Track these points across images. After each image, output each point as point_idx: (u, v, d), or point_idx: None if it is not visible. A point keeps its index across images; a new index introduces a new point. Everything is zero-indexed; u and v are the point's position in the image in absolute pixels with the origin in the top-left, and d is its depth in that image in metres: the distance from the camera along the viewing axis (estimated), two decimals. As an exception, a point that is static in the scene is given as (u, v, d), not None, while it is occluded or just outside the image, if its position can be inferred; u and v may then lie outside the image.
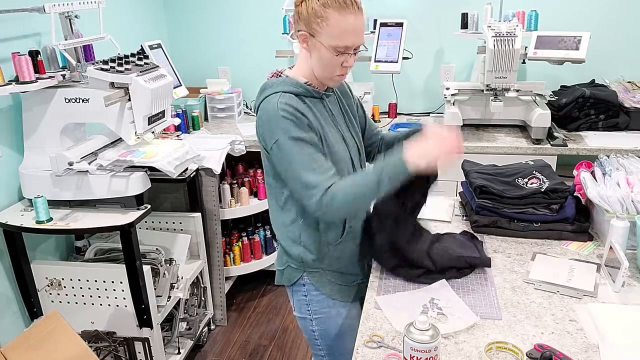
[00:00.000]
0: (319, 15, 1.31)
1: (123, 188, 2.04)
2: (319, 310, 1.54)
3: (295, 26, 1.40)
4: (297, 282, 1.53)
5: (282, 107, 1.34)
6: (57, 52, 2.14)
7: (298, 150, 1.33)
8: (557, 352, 1.17)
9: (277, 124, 1.33)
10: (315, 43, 1.36)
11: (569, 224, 1.70)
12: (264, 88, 1.42)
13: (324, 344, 1.57)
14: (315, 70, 1.41)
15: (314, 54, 1.38)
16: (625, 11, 2.87)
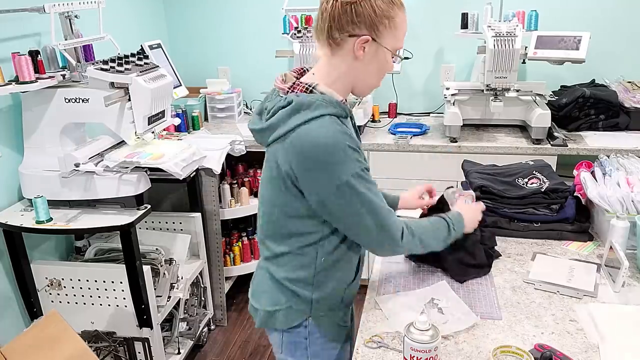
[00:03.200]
0: (387, 15, 1.15)
1: (123, 188, 2.04)
2: (319, 352, 1.35)
3: (342, 30, 1.15)
4: (295, 326, 1.32)
5: (341, 135, 1.12)
6: (57, 52, 2.14)
7: (370, 184, 1.17)
8: (557, 352, 1.17)
9: (342, 158, 1.11)
10: (376, 47, 1.17)
11: (569, 224, 1.70)
12: (299, 108, 1.13)
13: None
14: (362, 79, 1.22)
15: (370, 60, 1.19)
16: (625, 11, 2.87)
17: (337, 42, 1.17)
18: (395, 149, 2.71)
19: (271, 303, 1.32)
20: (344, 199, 1.14)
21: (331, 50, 1.19)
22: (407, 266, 1.59)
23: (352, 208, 1.16)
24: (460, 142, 2.64)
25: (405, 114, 3.23)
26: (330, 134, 1.11)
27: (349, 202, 1.15)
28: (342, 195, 1.14)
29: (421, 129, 2.83)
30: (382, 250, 1.28)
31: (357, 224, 1.19)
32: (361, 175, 1.15)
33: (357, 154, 1.15)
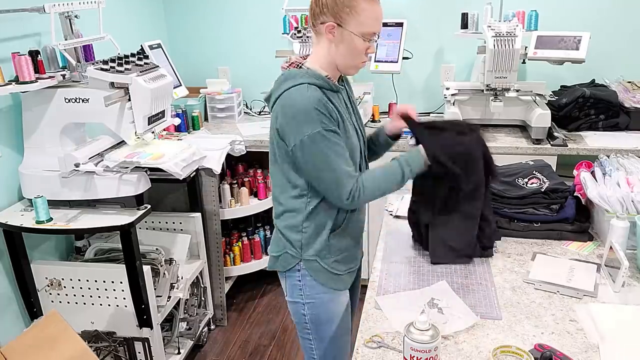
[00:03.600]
0: (347, 4, 1.36)
1: (123, 188, 2.04)
2: (312, 296, 1.56)
3: (317, 19, 1.41)
4: (292, 269, 1.55)
5: (313, 98, 1.36)
6: (57, 52, 2.14)
7: (331, 144, 1.37)
8: (557, 352, 1.17)
9: (310, 116, 1.35)
10: (342, 32, 1.39)
11: (569, 224, 1.70)
12: (286, 79, 1.41)
13: (314, 328, 1.60)
14: (340, 60, 1.44)
15: (340, 44, 1.41)
16: (625, 11, 2.87)
17: (316, 30, 1.44)
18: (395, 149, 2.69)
19: (275, 249, 1.59)
20: (304, 152, 1.38)
21: (316, 36, 1.46)
22: (407, 266, 1.59)
23: (312, 162, 1.39)
24: (460, 142, 2.64)
25: (405, 114, 3.22)
26: (305, 97, 1.36)
27: (310, 156, 1.38)
28: (304, 148, 1.37)
29: (421, 129, 2.82)
30: (341, 204, 1.43)
31: (316, 177, 1.41)
32: (324, 135, 1.36)
33: (324, 116, 1.36)
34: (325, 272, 1.54)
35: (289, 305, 1.63)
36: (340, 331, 1.62)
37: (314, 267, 1.53)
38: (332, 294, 1.57)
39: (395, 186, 1.47)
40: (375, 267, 1.60)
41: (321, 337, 1.61)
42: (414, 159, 1.49)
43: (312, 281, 1.54)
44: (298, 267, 1.54)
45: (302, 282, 1.55)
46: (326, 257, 1.53)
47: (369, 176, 1.45)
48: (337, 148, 1.38)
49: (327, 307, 1.57)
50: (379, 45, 2.75)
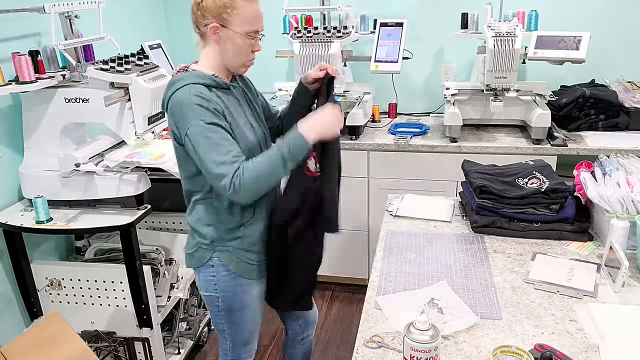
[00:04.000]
0: (228, 5, 1.42)
1: (124, 188, 2.04)
2: (225, 288, 1.62)
3: (200, 21, 1.46)
4: (206, 263, 1.60)
5: (194, 95, 1.40)
6: (57, 52, 2.14)
7: (211, 135, 1.40)
8: (557, 352, 1.17)
9: (191, 111, 1.39)
10: (226, 33, 1.45)
11: (569, 224, 1.70)
12: (172, 82, 1.46)
13: (227, 316, 1.67)
14: (227, 59, 1.50)
15: (225, 44, 1.47)
16: (625, 11, 2.87)
17: (200, 32, 1.50)
18: (395, 149, 2.71)
19: (189, 246, 1.63)
20: (188, 145, 1.42)
21: (201, 40, 1.52)
22: (407, 266, 1.59)
23: (195, 154, 1.41)
24: (460, 142, 2.65)
25: (405, 114, 3.23)
26: (185, 95, 1.40)
27: (192, 149, 1.41)
28: (188, 142, 1.41)
29: (421, 129, 2.83)
30: (226, 193, 1.41)
31: (202, 163, 1.41)
32: (203, 127, 1.39)
33: (205, 110, 1.40)
34: (238, 262, 1.59)
35: (204, 299, 1.69)
36: (253, 315, 1.71)
37: (227, 257, 1.58)
38: (244, 285, 1.63)
39: (279, 169, 1.43)
40: (375, 267, 1.60)
41: (233, 322, 1.69)
42: (291, 139, 1.44)
43: (225, 273, 1.60)
44: (212, 262, 1.59)
45: (217, 276, 1.61)
46: (239, 247, 1.58)
47: (250, 162, 1.42)
48: (216, 140, 1.40)
49: (240, 297, 1.64)
50: (379, 45, 2.75)
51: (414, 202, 2.02)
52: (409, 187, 2.66)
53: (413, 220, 1.90)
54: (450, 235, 1.77)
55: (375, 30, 2.80)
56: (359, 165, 2.77)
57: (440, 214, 1.92)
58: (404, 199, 2.06)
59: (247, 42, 1.47)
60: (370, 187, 2.81)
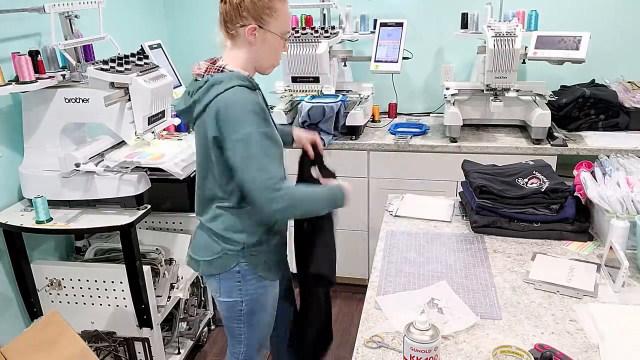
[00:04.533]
0: (268, 6, 1.42)
1: (124, 188, 2.04)
2: (250, 292, 1.61)
3: (234, 22, 1.43)
4: (231, 269, 1.57)
5: (249, 101, 1.39)
6: (57, 52, 2.14)
7: (267, 145, 1.39)
8: (557, 352, 1.17)
9: (247, 117, 1.38)
10: (264, 33, 1.45)
11: (569, 224, 1.70)
12: (214, 83, 1.42)
13: (247, 319, 1.66)
14: (262, 60, 1.50)
15: (261, 46, 1.47)
16: (625, 11, 2.87)
17: (232, 34, 1.46)
18: (395, 149, 2.71)
19: (209, 253, 1.58)
20: (240, 151, 1.38)
21: (231, 41, 1.48)
22: (407, 266, 1.59)
23: (244, 161, 1.38)
24: (460, 142, 2.65)
25: (405, 114, 3.23)
26: (239, 98, 1.39)
27: (242, 156, 1.38)
28: (239, 147, 1.38)
29: (421, 129, 2.83)
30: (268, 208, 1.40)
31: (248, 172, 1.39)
32: (259, 136, 1.38)
33: (258, 118, 1.39)
34: (265, 264, 1.60)
35: (223, 305, 1.65)
36: (269, 318, 1.71)
37: (256, 261, 1.58)
38: (267, 287, 1.64)
39: (320, 207, 1.52)
40: (375, 267, 1.60)
41: (251, 325, 1.68)
42: (337, 192, 1.54)
43: (252, 277, 1.59)
44: (237, 268, 1.57)
45: (242, 281, 1.59)
46: (266, 251, 1.60)
47: (298, 189, 1.49)
48: (272, 150, 1.41)
49: (262, 299, 1.64)
50: (379, 45, 2.76)
51: (414, 202, 2.02)
52: (409, 187, 2.66)
53: (413, 220, 1.90)
54: (450, 235, 1.77)
55: (375, 30, 2.80)
56: (359, 165, 2.77)
57: (440, 214, 1.91)
58: (404, 199, 2.06)
59: (281, 42, 1.49)
60: (370, 187, 2.81)
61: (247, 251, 1.56)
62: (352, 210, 2.84)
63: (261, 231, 1.57)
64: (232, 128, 1.38)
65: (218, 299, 1.66)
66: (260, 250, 1.58)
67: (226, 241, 1.56)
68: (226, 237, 1.55)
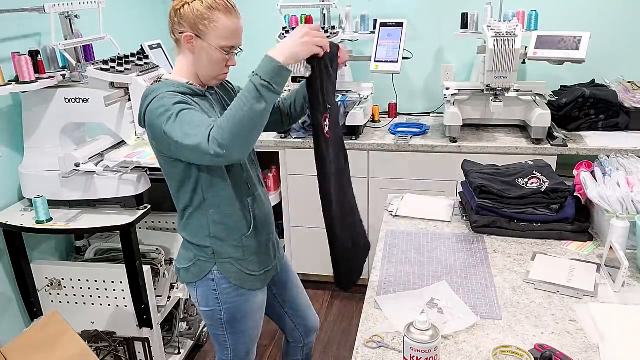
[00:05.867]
0: (206, 17, 1.38)
1: (123, 188, 2.04)
2: (228, 300, 1.57)
3: (175, 28, 1.44)
4: (205, 277, 1.55)
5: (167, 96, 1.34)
6: (57, 52, 2.14)
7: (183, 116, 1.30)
8: (557, 352, 1.17)
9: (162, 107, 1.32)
10: (201, 44, 1.41)
11: (569, 224, 1.70)
12: (147, 95, 1.39)
13: (229, 327, 1.63)
14: (200, 70, 1.45)
15: (199, 55, 1.42)
16: (625, 11, 2.87)
17: (176, 40, 1.47)
18: (395, 149, 2.71)
19: (184, 261, 1.58)
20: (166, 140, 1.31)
21: (177, 47, 1.48)
22: (407, 266, 1.59)
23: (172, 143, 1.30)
24: (460, 142, 2.65)
25: (405, 114, 3.23)
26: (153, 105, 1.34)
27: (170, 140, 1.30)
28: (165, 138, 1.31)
29: (421, 129, 2.83)
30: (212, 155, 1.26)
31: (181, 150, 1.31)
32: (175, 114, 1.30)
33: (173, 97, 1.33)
34: (239, 274, 1.55)
35: (204, 314, 1.63)
36: (255, 324, 1.68)
37: (228, 269, 1.54)
38: (247, 295, 1.59)
39: (256, 102, 1.23)
40: (375, 267, 1.60)
41: (235, 332, 1.65)
42: (260, 66, 1.26)
43: (227, 285, 1.55)
44: (212, 276, 1.54)
45: (218, 289, 1.56)
46: (240, 260, 1.55)
47: (225, 112, 1.28)
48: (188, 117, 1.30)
49: (243, 307, 1.60)
50: (379, 45, 2.75)
51: (414, 202, 2.02)
52: (409, 187, 2.66)
53: (413, 220, 1.90)
54: (450, 235, 1.77)
55: (375, 30, 2.80)
56: (359, 165, 2.77)
57: (440, 214, 1.91)
58: (404, 199, 2.06)
59: (221, 56, 1.42)
60: (370, 187, 2.80)
61: (217, 257, 1.53)
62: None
63: (232, 236, 1.53)
64: (157, 126, 1.32)
65: (198, 308, 1.64)
66: (232, 257, 1.54)
67: (197, 247, 1.54)
68: (197, 243, 1.54)
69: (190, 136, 1.27)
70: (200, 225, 1.52)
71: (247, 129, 1.25)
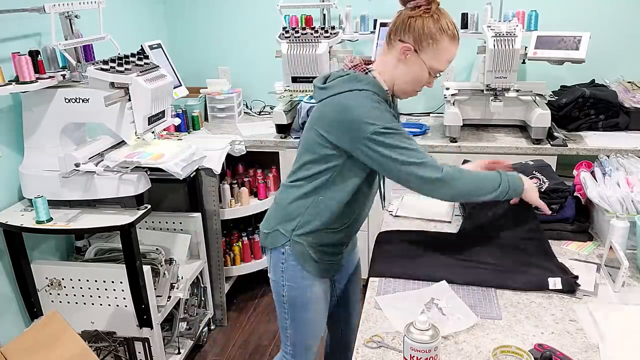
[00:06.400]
0: (434, 37, 1.41)
1: (123, 188, 2.04)
2: (291, 279, 1.59)
3: (397, 35, 1.43)
4: (278, 247, 1.58)
5: (372, 100, 1.40)
6: (57, 52, 2.14)
7: (403, 135, 1.42)
8: (557, 352, 1.17)
9: (377, 114, 1.38)
10: (416, 59, 1.43)
11: (569, 224, 1.70)
12: (355, 79, 1.44)
13: (290, 310, 1.65)
14: (400, 81, 1.48)
15: (408, 67, 1.45)
16: (625, 11, 2.87)
17: (391, 43, 1.46)
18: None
19: (267, 226, 1.63)
20: (378, 143, 1.37)
21: (387, 48, 1.48)
22: (407, 266, 1.59)
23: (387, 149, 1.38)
24: (460, 142, 2.65)
25: (405, 114, 3.23)
26: (363, 99, 1.40)
27: (384, 145, 1.38)
28: (380, 138, 1.37)
29: (421, 129, 2.83)
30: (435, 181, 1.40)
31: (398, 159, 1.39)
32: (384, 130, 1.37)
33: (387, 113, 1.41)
34: (308, 258, 1.57)
35: (271, 283, 1.67)
36: (316, 317, 1.67)
37: (299, 250, 1.56)
38: (311, 280, 1.60)
39: (488, 189, 1.44)
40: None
41: (296, 319, 1.66)
42: (513, 176, 1.49)
43: (294, 264, 1.57)
44: (283, 250, 1.58)
45: (285, 264, 1.59)
46: (313, 246, 1.56)
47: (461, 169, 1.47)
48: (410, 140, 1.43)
49: (305, 292, 1.61)
50: (379, 45, 2.76)
51: (414, 202, 2.02)
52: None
53: (413, 220, 1.90)
54: (450, 235, 1.77)
55: (375, 30, 2.80)
56: (359, 165, 2.77)
57: (440, 214, 1.91)
58: (404, 199, 2.06)
59: (427, 76, 1.47)
60: (370, 187, 2.80)
61: (293, 235, 1.55)
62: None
63: (320, 227, 1.54)
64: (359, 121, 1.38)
65: (268, 275, 1.66)
66: (307, 241, 1.55)
67: (283, 218, 1.57)
68: (286, 213, 1.56)
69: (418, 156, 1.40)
70: (301, 201, 1.54)
71: (470, 190, 1.44)
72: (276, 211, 1.61)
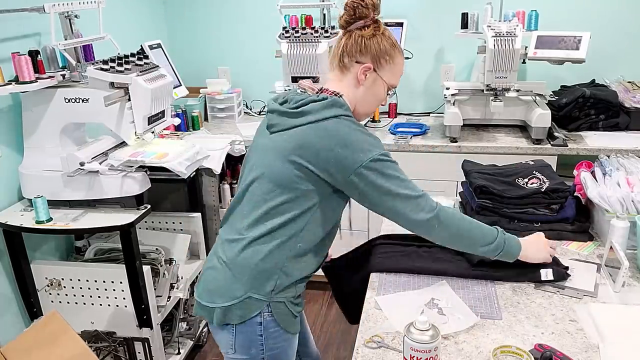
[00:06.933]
0: (389, 53, 1.39)
1: (127, 187, 2.04)
2: (274, 347, 1.40)
3: (352, 56, 1.37)
4: (252, 318, 1.36)
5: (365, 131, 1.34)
6: (57, 52, 2.14)
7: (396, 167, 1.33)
8: (557, 352, 1.17)
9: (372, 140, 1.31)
10: (375, 78, 1.40)
11: (569, 224, 1.70)
12: (336, 104, 1.33)
13: None
14: (361, 104, 1.42)
15: (368, 88, 1.40)
16: (626, 11, 2.87)
17: (346, 66, 1.39)
18: (395, 149, 2.71)
19: (230, 297, 1.36)
20: (369, 175, 1.28)
21: (341, 73, 1.41)
22: (407, 266, 1.59)
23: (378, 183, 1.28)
24: (460, 142, 2.65)
25: (405, 114, 3.23)
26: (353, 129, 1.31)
27: (375, 178, 1.28)
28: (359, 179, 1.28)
29: (421, 129, 2.83)
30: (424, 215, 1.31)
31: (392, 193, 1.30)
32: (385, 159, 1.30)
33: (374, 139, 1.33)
34: (290, 316, 1.40)
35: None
36: None
37: (281, 311, 1.37)
38: (290, 340, 1.44)
39: (480, 241, 1.37)
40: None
41: None
42: (511, 238, 1.43)
43: (275, 330, 1.38)
44: (260, 318, 1.36)
45: (264, 334, 1.37)
46: (292, 300, 1.40)
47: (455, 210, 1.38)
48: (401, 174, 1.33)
49: (286, 352, 1.44)
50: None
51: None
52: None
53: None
54: (450, 235, 1.77)
55: (375, 30, 2.80)
56: (359, 165, 2.77)
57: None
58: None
59: (384, 94, 1.43)
60: (370, 187, 2.80)
61: (274, 296, 1.35)
62: (352, 211, 2.84)
63: (298, 277, 1.38)
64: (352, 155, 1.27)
65: (229, 354, 1.43)
66: (286, 299, 1.38)
67: (255, 281, 1.34)
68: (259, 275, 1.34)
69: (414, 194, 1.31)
70: (277, 254, 1.34)
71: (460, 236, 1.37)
72: (239, 275, 1.35)
